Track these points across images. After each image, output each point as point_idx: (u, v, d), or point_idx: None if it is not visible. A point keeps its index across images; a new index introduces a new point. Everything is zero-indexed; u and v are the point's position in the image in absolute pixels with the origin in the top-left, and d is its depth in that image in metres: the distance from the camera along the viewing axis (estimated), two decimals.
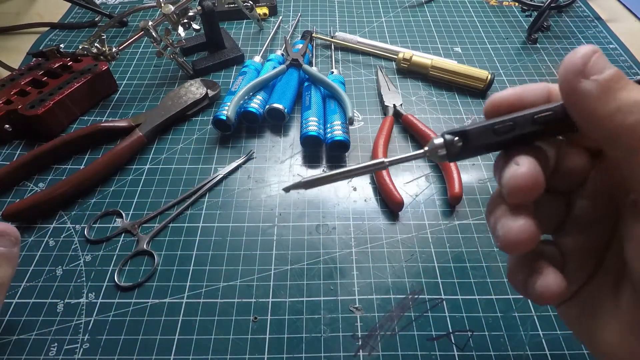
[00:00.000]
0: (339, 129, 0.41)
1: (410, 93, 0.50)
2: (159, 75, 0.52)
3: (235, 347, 0.30)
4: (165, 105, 0.46)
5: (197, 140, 0.45)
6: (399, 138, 0.45)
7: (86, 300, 0.33)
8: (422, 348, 0.30)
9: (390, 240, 0.36)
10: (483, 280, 0.34)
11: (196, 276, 0.34)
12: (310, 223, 0.38)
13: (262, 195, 0.40)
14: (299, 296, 0.33)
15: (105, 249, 0.36)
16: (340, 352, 0.30)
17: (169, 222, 0.37)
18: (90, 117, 0.47)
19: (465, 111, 0.48)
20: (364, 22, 0.62)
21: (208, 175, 0.41)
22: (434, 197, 0.39)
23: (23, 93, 0.44)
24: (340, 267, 0.35)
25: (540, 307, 0.32)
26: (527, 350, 0.30)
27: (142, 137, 0.42)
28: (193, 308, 0.32)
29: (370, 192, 0.40)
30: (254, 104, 0.44)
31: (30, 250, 0.36)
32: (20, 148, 0.44)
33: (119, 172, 0.41)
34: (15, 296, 0.33)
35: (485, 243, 0.36)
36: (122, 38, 0.59)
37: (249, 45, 0.57)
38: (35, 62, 0.49)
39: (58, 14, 0.63)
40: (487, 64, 0.54)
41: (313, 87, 0.46)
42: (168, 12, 0.46)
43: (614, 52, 0.56)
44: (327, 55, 0.56)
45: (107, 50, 0.45)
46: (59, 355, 0.30)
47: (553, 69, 0.53)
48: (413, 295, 0.33)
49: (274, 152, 0.44)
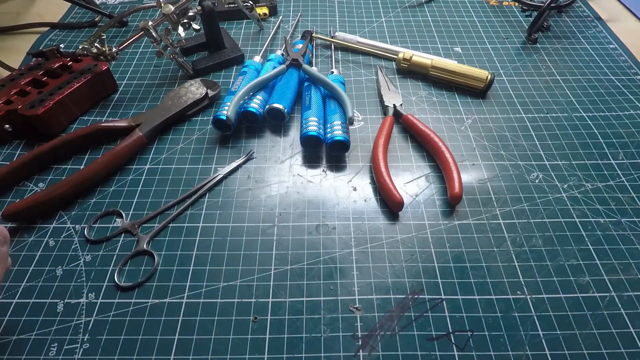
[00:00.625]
0: (339, 129, 0.41)
1: (410, 93, 0.50)
2: (159, 75, 0.52)
3: (235, 347, 0.30)
4: (165, 105, 0.46)
5: (197, 140, 0.45)
6: (399, 138, 0.45)
7: (86, 300, 0.33)
8: (422, 348, 0.30)
9: (390, 240, 0.36)
10: (483, 280, 0.34)
11: (196, 276, 0.34)
12: (310, 223, 0.38)
13: (262, 195, 0.40)
14: (299, 296, 0.33)
15: (105, 249, 0.36)
16: (340, 352, 0.30)
17: (169, 222, 0.37)
18: (90, 117, 0.47)
19: (465, 111, 0.48)
20: (364, 22, 0.62)
21: (208, 175, 0.41)
22: (434, 197, 0.39)
23: (23, 93, 0.44)
24: (340, 267, 0.35)
25: (540, 307, 0.32)
26: (527, 350, 0.30)
27: (142, 137, 0.42)
28: (193, 308, 0.32)
29: (370, 192, 0.40)
30: (254, 104, 0.44)
31: (30, 250, 0.36)
32: (20, 148, 0.44)
33: (119, 172, 0.41)
34: (15, 296, 0.33)
35: (485, 243, 0.36)
36: (122, 38, 0.59)
37: (249, 45, 0.57)
38: (35, 62, 0.49)
39: (58, 14, 0.63)
40: (487, 64, 0.54)
41: (313, 87, 0.46)
42: (168, 12, 0.46)
43: (614, 52, 0.56)
44: (327, 55, 0.56)
45: (107, 50, 0.45)
46: (59, 355, 0.30)
47: (553, 69, 0.53)
48: (413, 295, 0.33)
49: (274, 152, 0.44)
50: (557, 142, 0.44)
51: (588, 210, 0.38)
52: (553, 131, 0.45)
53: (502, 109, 0.48)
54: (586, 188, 0.40)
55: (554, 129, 0.46)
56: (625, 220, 0.38)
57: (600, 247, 0.36)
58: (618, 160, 0.43)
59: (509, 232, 0.37)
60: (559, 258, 0.35)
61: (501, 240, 0.36)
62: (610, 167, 0.42)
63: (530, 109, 0.48)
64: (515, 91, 0.50)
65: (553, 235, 0.37)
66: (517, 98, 0.49)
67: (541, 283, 0.34)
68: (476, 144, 0.44)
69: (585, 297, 0.33)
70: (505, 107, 0.48)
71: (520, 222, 0.37)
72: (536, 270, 0.34)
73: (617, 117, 0.47)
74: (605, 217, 0.38)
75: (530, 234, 0.37)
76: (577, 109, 0.48)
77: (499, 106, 0.48)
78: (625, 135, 0.45)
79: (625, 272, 0.34)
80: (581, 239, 0.36)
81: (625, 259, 0.35)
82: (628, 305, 0.32)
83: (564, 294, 0.33)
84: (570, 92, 0.50)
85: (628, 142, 0.44)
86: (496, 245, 0.36)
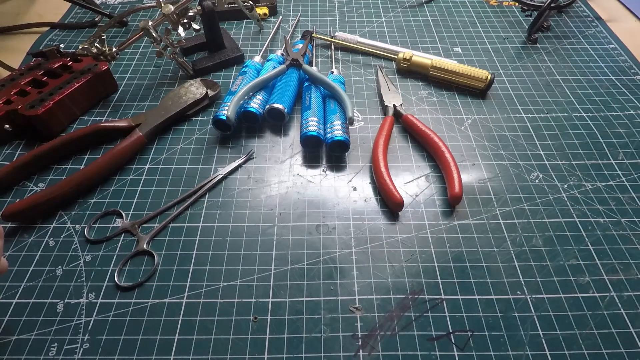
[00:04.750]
0: (339, 129, 0.41)
1: (410, 93, 0.50)
2: (159, 75, 0.52)
3: (235, 347, 0.30)
4: (165, 105, 0.46)
5: (197, 140, 0.45)
6: (399, 138, 0.45)
7: (86, 300, 0.33)
8: (422, 348, 0.30)
9: (390, 240, 0.36)
10: (483, 280, 0.34)
11: (196, 276, 0.34)
12: (310, 223, 0.38)
13: (262, 195, 0.40)
14: (299, 296, 0.33)
15: (105, 249, 0.36)
16: (340, 352, 0.30)
17: (169, 222, 0.37)
18: (90, 117, 0.47)
19: (465, 111, 0.48)
20: (364, 22, 0.62)
21: (208, 175, 0.41)
22: (434, 197, 0.39)
23: (23, 93, 0.44)
24: (340, 267, 0.35)
25: (540, 307, 0.32)
26: (527, 350, 0.30)
27: (142, 137, 0.42)
28: (193, 308, 0.32)
29: (370, 192, 0.40)
30: (254, 104, 0.44)
31: (30, 250, 0.36)
32: (20, 148, 0.44)
33: (119, 172, 0.41)
34: (15, 296, 0.33)
35: (485, 243, 0.36)
36: (122, 38, 0.59)
37: (249, 45, 0.57)
38: (35, 62, 0.49)
39: (58, 14, 0.63)
40: (487, 64, 0.54)
41: (313, 87, 0.46)
42: (168, 12, 0.46)
43: (614, 52, 0.56)
44: (327, 55, 0.56)
45: (107, 50, 0.45)
46: (59, 355, 0.30)
47: (553, 69, 0.53)
48: (413, 295, 0.33)
49: (274, 152, 0.44)
50: (557, 142, 0.44)
51: (588, 210, 0.38)
52: (553, 131, 0.45)
53: (502, 109, 0.48)
54: (586, 188, 0.40)
55: (554, 129, 0.46)
56: (625, 220, 0.38)
57: (600, 247, 0.36)
58: (618, 160, 0.42)
59: (509, 232, 0.37)
60: (559, 258, 0.35)
61: (501, 240, 0.36)
62: (610, 167, 0.42)
63: (530, 109, 0.48)
64: (515, 91, 0.50)
65: (553, 235, 0.37)
66: (517, 98, 0.49)
67: (541, 283, 0.34)
68: (476, 144, 0.44)
69: (585, 297, 0.33)
70: (505, 107, 0.48)
71: (520, 222, 0.37)
72: (536, 270, 0.34)
73: (617, 117, 0.47)
74: (605, 217, 0.38)
75: (530, 234, 0.37)
76: (577, 109, 0.48)
77: (499, 106, 0.48)
78: (625, 135, 0.45)
79: (625, 272, 0.34)
80: (581, 239, 0.36)
81: (625, 259, 0.35)
82: (628, 305, 0.32)
83: (564, 294, 0.33)
84: (570, 92, 0.50)
85: (628, 142, 0.44)
86: (496, 245, 0.36)
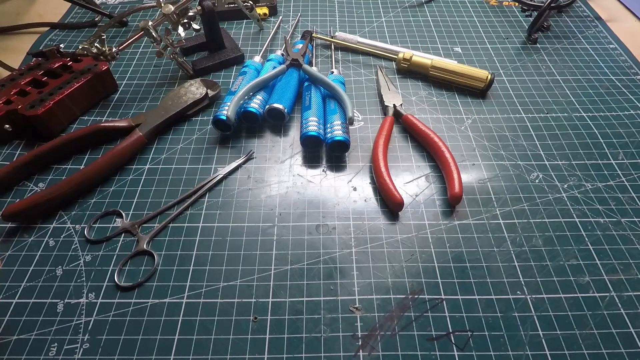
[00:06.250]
0: (339, 129, 0.41)
1: (410, 93, 0.50)
2: (159, 75, 0.52)
3: (235, 347, 0.30)
4: (165, 105, 0.46)
5: (197, 140, 0.45)
6: (399, 138, 0.45)
7: (86, 300, 0.33)
8: (422, 348, 0.30)
9: (390, 240, 0.36)
10: (483, 280, 0.34)
11: (196, 276, 0.34)
12: (310, 223, 0.38)
13: (262, 195, 0.40)
14: (299, 296, 0.33)
15: (105, 249, 0.36)
16: (340, 352, 0.30)
17: (169, 222, 0.37)
18: (90, 117, 0.47)
19: (465, 111, 0.48)
20: (364, 22, 0.62)
21: (208, 175, 0.41)
22: (434, 197, 0.39)
23: (23, 93, 0.44)
24: (340, 267, 0.35)
25: (540, 307, 0.32)
26: (527, 350, 0.30)
27: (142, 137, 0.42)
28: (193, 308, 0.32)
29: (370, 192, 0.40)
30: (254, 104, 0.44)
31: (30, 250, 0.36)
32: (20, 148, 0.44)
33: (119, 172, 0.41)
34: (15, 296, 0.33)
35: (485, 243, 0.36)
36: (122, 38, 0.59)
37: (249, 45, 0.57)
38: (35, 62, 0.49)
39: (58, 14, 0.63)
40: (487, 64, 0.54)
41: (313, 87, 0.46)
42: (168, 12, 0.46)
43: (614, 52, 0.56)
44: (327, 55, 0.56)
45: (107, 50, 0.45)
46: (59, 355, 0.30)
47: (553, 69, 0.53)
48: (413, 295, 0.33)
49: (274, 152, 0.44)
50: (557, 142, 0.44)
51: (588, 210, 0.38)
52: (553, 131, 0.45)
53: (502, 109, 0.48)
54: (586, 188, 0.40)
55: (554, 129, 0.46)
56: (625, 220, 0.38)
57: (600, 247, 0.36)
58: (618, 160, 0.42)
59: (509, 232, 0.37)
60: (559, 258, 0.35)
61: (501, 240, 0.36)
62: (610, 167, 0.42)
63: (530, 109, 0.48)
64: (515, 91, 0.50)
65: (553, 235, 0.37)
66: (517, 98, 0.49)
67: (541, 283, 0.34)
68: (476, 144, 0.44)
69: (585, 297, 0.33)
70: (505, 107, 0.48)
71: (520, 222, 0.37)
72: (536, 270, 0.34)
73: (617, 117, 0.47)
74: (605, 217, 0.38)
75: (530, 234, 0.37)
76: (577, 109, 0.48)
77: (499, 106, 0.48)
78: (625, 135, 0.45)
79: (625, 272, 0.34)
80: (581, 239, 0.36)
81: (625, 259, 0.35)
82: (628, 305, 0.32)
83: (564, 294, 0.33)
84: (570, 92, 0.50)
85: (628, 142, 0.44)
86: (496, 245, 0.36)
